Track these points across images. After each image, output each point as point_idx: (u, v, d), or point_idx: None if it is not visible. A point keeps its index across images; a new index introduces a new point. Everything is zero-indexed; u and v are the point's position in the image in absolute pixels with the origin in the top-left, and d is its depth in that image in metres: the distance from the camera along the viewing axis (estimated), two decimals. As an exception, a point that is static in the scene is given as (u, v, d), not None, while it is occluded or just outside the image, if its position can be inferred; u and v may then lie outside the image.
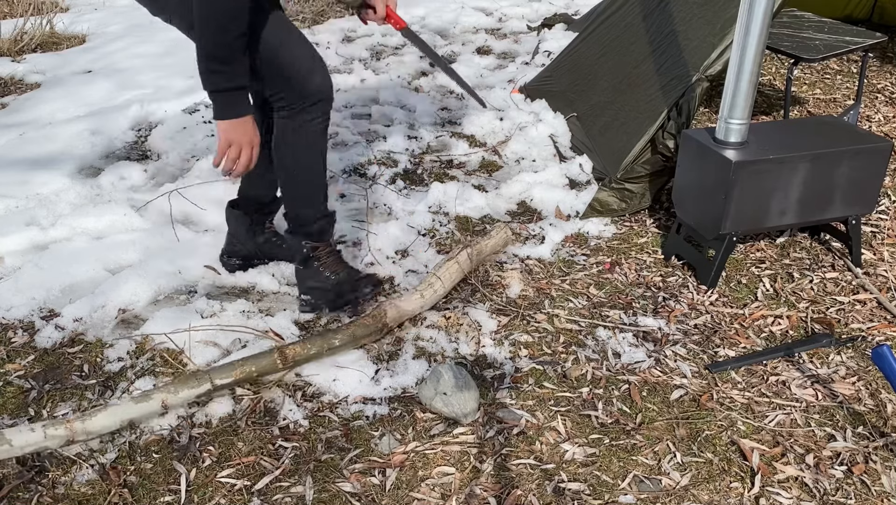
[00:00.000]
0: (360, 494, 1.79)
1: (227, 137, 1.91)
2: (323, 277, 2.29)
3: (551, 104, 3.50)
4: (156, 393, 1.89)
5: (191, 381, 1.94)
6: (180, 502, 1.77)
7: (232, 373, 1.98)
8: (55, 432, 1.77)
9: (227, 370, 1.98)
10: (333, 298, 2.30)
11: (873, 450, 1.89)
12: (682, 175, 2.56)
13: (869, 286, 2.49)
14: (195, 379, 1.94)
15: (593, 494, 1.78)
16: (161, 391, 1.90)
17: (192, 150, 3.37)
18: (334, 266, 2.30)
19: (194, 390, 1.93)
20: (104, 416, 1.83)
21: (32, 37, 4.83)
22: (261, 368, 2.01)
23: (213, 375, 1.97)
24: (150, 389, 1.90)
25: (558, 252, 2.71)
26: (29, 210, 2.87)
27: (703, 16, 2.95)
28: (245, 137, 1.93)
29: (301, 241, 2.28)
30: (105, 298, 2.38)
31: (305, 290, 2.33)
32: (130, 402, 1.85)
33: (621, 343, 2.26)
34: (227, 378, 1.97)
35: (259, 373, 2.01)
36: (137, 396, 1.87)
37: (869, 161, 2.44)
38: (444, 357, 2.21)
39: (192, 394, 1.93)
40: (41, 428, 1.75)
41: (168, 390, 1.91)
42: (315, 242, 2.28)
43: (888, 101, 3.86)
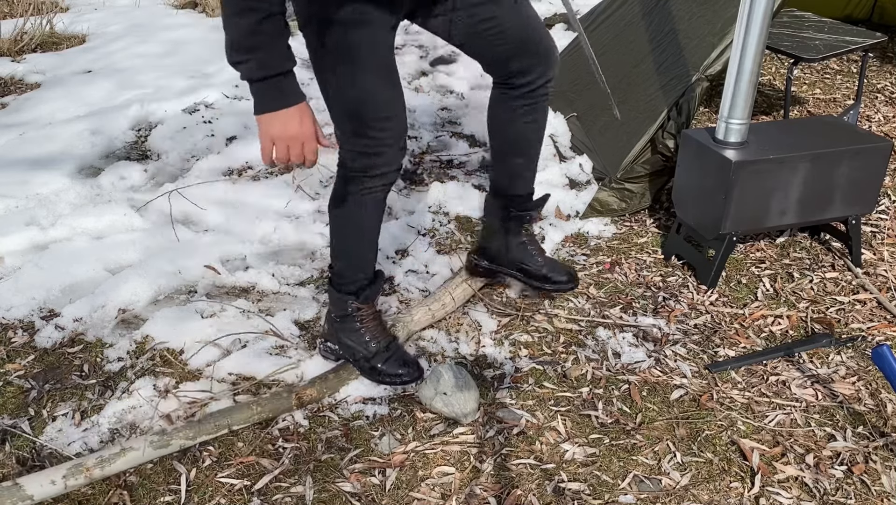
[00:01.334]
0: (360, 494, 1.79)
1: (268, 134, 1.63)
2: (362, 340, 2.06)
3: (551, 104, 3.50)
4: (174, 439, 1.87)
5: (208, 425, 1.92)
6: (180, 502, 1.77)
7: (249, 418, 1.96)
8: (75, 483, 1.76)
9: (245, 414, 1.96)
10: (369, 370, 2.07)
11: (873, 450, 1.89)
12: (682, 175, 2.56)
13: (869, 286, 2.49)
14: (212, 423, 1.92)
15: (593, 494, 1.78)
16: (178, 437, 1.88)
17: (192, 150, 3.37)
18: (376, 332, 2.07)
19: (211, 436, 1.92)
20: (122, 462, 1.81)
21: (32, 37, 4.83)
22: (276, 411, 1.99)
23: (231, 419, 1.94)
24: (169, 433, 1.87)
25: (558, 252, 2.71)
26: (29, 210, 2.87)
27: (703, 15, 2.95)
28: (288, 132, 1.63)
29: (346, 298, 2.05)
30: (105, 298, 2.38)
31: (336, 340, 2.11)
32: (149, 447, 1.83)
33: (621, 343, 2.26)
34: (245, 423, 1.95)
35: (275, 415, 2.00)
36: (156, 441, 1.85)
37: (869, 161, 2.44)
38: (444, 357, 2.21)
39: (209, 438, 1.92)
40: (62, 480, 1.75)
41: (186, 436, 1.88)
42: (360, 304, 2.06)
43: (888, 101, 3.86)
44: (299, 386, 2.05)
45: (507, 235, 2.24)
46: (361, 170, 1.85)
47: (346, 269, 2.03)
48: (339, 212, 1.95)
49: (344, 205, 1.93)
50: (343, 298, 2.05)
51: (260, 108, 1.61)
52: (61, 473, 1.76)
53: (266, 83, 1.58)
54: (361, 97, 1.75)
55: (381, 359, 2.05)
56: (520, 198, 2.19)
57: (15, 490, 1.71)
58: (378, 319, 2.11)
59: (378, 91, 1.76)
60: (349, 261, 2.03)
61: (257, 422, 1.97)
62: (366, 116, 1.77)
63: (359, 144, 1.81)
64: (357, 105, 1.76)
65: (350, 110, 1.78)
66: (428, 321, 2.28)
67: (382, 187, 1.90)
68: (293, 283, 2.53)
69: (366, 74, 1.73)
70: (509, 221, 2.21)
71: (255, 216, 2.83)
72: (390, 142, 1.82)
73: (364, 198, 1.90)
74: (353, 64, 1.71)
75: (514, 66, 1.92)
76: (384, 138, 1.80)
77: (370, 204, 1.93)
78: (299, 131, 1.64)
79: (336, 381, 2.08)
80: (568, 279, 2.27)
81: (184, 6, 5.99)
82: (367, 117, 1.77)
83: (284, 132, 1.62)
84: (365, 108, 1.77)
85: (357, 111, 1.77)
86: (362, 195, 1.89)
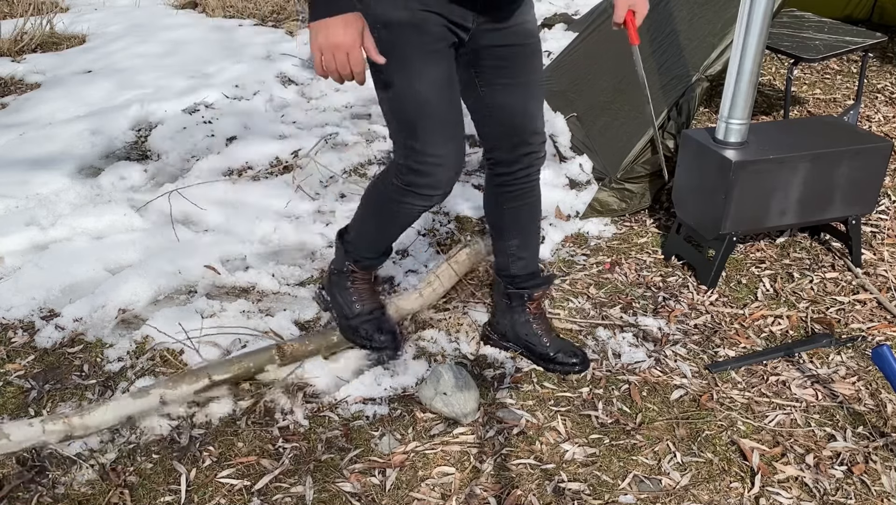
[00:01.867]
0: (360, 494, 1.79)
1: (315, 42, 1.57)
2: (349, 299, 2.13)
3: (551, 104, 3.50)
4: (154, 389, 1.89)
5: (189, 376, 1.95)
6: (180, 502, 1.77)
7: (230, 368, 1.98)
8: (53, 427, 1.77)
9: (226, 366, 1.99)
10: (347, 327, 2.14)
11: (873, 450, 1.89)
12: (682, 175, 2.56)
13: (869, 286, 2.49)
14: (193, 375, 1.95)
15: (593, 494, 1.78)
16: (159, 387, 1.91)
17: (192, 150, 3.37)
18: (365, 296, 2.13)
19: (192, 386, 1.93)
20: (102, 411, 1.83)
21: (32, 37, 4.83)
22: (259, 364, 2.02)
23: (211, 370, 1.97)
24: (149, 385, 1.91)
25: (558, 252, 2.71)
26: (29, 210, 2.87)
27: (704, 15, 2.95)
28: (331, 40, 1.55)
29: (347, 258, 2.12)
30: (105, 297, 2.38)
31: (330, 294, 2.19)
32: (129, 397, 1.85)
33: (621, 343, 2.26)
34: (226, 374, 1.98)
35: (257, 369, 2.02)
36: (136, 391, 1.87)
37: (869, 161, 2.44)
38: (444, 357, 2.21)
39: (191, 389, 1.93)
40: (39, 423, 1.76)
41: (166, 386, 1.92)
42: (358, 269, 2.13)
43: (888, 101, 3.86)
44: (282, 340, 2.07)
45: (511, 313, 2.18)
46: (407, 185, 1.83)
47: (359, 242, 2.09)
48: (374, 207, 1.98)
49: (380, 203, 1.94)
50: (344, 256, 2.11)
51: (311, 16, 1.58)
52: (40, 419, 1.78)
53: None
54: (421, 110, 1.73)
55: (361, 320, 2.12)
56: (519, 277, 2.13)
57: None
58: (370, 284, 2.16)
59: (440, 106, 1.73)
60: (364, 242, 2.07)
61: (239, 375, 1.99)
62: (422, 130, 1.74)
63: (409, 159, 1.79)
64: (415, 118, 1.74)
65: (406, 122, 1.75)
66: (418, 302, 2.31)
67: (422, 207, 1.88)
68: (293, 283, 2.53)
69: (430, 87, 1.71)
70: (511, 299, 2.17)
71: (255, 216, 2.83)
72: (441, 162, 1.78)
73: (404, 210, 1.90)
74: (417, 73, 1.70)
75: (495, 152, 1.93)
76: (436, 157, 1.77)
77: (404, 216, 1.94)
78: (342, 40, 1.56)
79: (321, 338, 2.12)
80: (577, 361, 2.14)
81: (184, 6, 5.99)
82: (422, 131, 1.74)
83: (328, 40, 1.56)
84: (422, 121, 1.74)
85: (414, 124, 1.74)
86: (403, 208, 1.89)
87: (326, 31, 1.56)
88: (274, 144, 3.34)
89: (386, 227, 2.01)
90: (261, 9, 5.69)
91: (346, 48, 1.57)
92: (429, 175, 1.79)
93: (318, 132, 3.42)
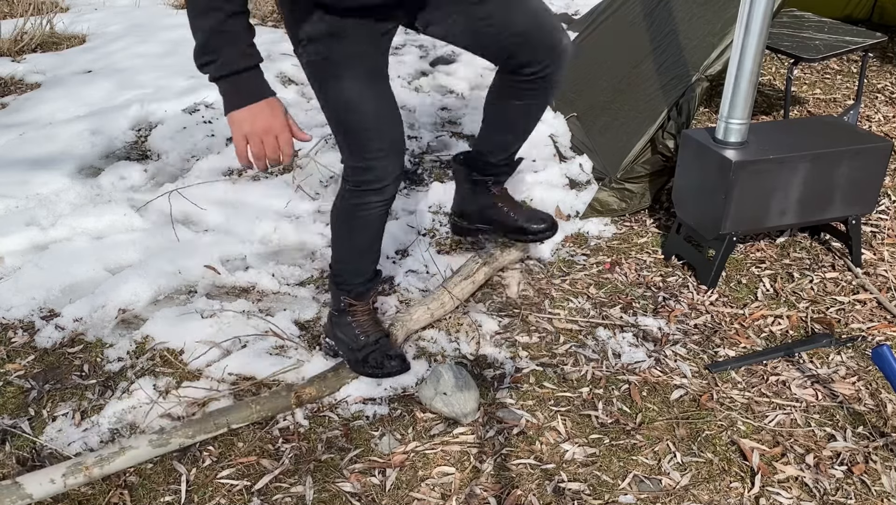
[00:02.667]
0: (360, 494, 1.79)
1: (240, 131, 1.60)
2: (353, 333, 2.11)
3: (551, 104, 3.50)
4: (173, 438, 1.87)
5: (207, 423, 1.92)
6: (180, 502, 1.77)
7: (248, 416, 1.96)
8: (74, 481, 1.76)
9: (244, 411, 1.96)
10: (356, 361, 2.11)
11: (873, 450, 1.89)
12: (682, 175, 2.56)
13: (869, 286, 2.49)
14: (212, 421, 1.92)
15: (593, 494, 1.78)
16: (178, 435, 1.88)
17: (192, 150, 3.37)
18: (367, 326, 2.12)
19: (210, 434, 1.92)
20: (122, 461, 1.81)
21: (32, 37, 4.83)
22: (275, 409, 1.99)
23: (229, 417, 1.95)
24: (168, 433, 1.87)
25: (558, 252, 2.71)
26: (29, 210, 2.87)
27: (704, 15, 2.95)
28: (259, 125, 1.59)
29: (340, 293, 2.12)
30: (105, 298, 2.38)
31: (332, 336, 2.18)
32: (148, 445, 1.84)
33: (621, 343, 2.26)
34: (244, 421, 1.95)
35: (274, 413, 2.00)
36: (155, 439, 1.85)
37: (869, 161, 2.44)
38: (444, 357, 2.21)
39: (209, 436, 1.92)
40: (61, 478, 1.74)
41: (185, 435, 1.89)
42: (354, 300, 2.12)
43: (888, 101, 3.86)
44: (298, 385, 2.05)
45: (476, 197, 2.23)
46: (357, 185, 1.88)
47: (344, 271, 2.09)
48: (340, 222, 2.00)
49: (344, 217, 1.97)
50: (338, 292, 2.11)
51: (229, 106, 1.60)
52: (61, 472, 1.76)
53: (232, 79, 1.57)
54: (347, 112, 1.78)
55: (368, 351, 2.09)
56: (492, 165, 2.16)
57: (14, 488, 1.72)
58: (370, 315, 2.15)
59: (364, 104, 1.78)
60: (347, 265, 2.08)
61: (256, 421, 1.97)
62: (354, 130, 1.80)
63: (352, 159, 1.85)
64: (345, 119, 1.79)
65: (340, 125, 1.81)
66: (427, 320, 2.28)
67: (379, 203, 1.91)
68: (293, 283, 2.53)
69: (352, 89, 1.76)
70: (476, 185, 2.21)
71: (255, 216, 2.83)
72: (380, 155, 1.83)
73: (367, 215, 1.93)
74: (339, 79, 1.74)
75: (519, 60, 1.89)
76: (373, 152, 1.82)
77: (373, 221, 1.96)
78: (270, 124, 1.60)
79: (335, 379, 2.08)
80: (546, 227, 2.21)
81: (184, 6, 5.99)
82: (355, 131, 1.80)
83: (254, 126, 1.59)
84: (352, 122, 1.79)
85: (346, 125, 1.80)
86: (364, 212, 1.92)
87: (253, 119, 1.59)
88: (274, 144, 3.34)
89: (358, 239, 2.01)
90: (261, 9, 5.68)
91: (276, 131, 1.60)
92: (373, 169, 1.84)
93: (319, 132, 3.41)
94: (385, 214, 1.97)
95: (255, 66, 1.59)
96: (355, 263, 2.07)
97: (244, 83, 1.59)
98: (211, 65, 1.56)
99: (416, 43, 4.69)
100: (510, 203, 2.24)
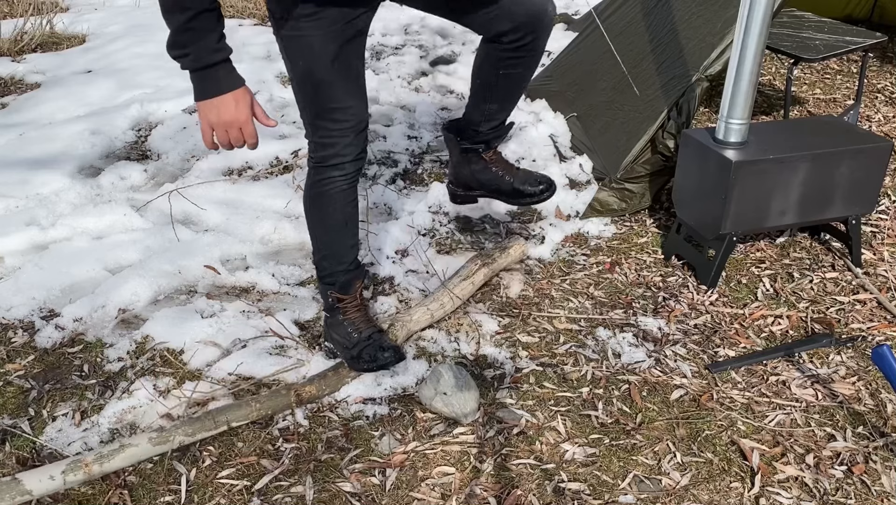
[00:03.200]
0: (360, 494, 1.79)
1: (207, 120, 1.70)
2: (346, 332, 2.13)
3: (551, 104, 3.50)
4: (173, 435, 1.87)
5: (207, 421, 1.92)
6: (180, 502, 1.77)
7: (248, 414, 1.96)
8: (74, 479, 1.76)
9: (244, 410, 1.96)
10: (352, 358, 2.13)
11: (873, 450, 1.89)
12: (682, 175, 2.56)
13: (869, 286, 2.49)
14: (212, 419, 1.92)
15: (593, 494, 1.78)
16: (177, 432, 1.88)
17: (192, 150, 3.37)
18: (359, 323, 2.14)
19: (210, 432, 1.92)
20: (121, 459, 1.81)
21: (32, 37, 4.83)
22: (276, 408, 1.99)
23: (229, 415, 1.95)
24: (168, 430, 1.88)
25: (558, 252, 2.71)
26: (29, 210, 2.87)
27: (703, 15, 2.95)
28: (223, 118, 1.69)
29: (327, 289, 2.14)
30: (105, 297, 2.38)
31: (329, 339, 2.21)
32: (148, 443, 1.84)
33: (621, 343, 2.26)
34: (243, 419, 1.96)
35: (274, 412, 2.00)
36: (154, 437, 1.85)
37: (869, 161, 2.44)
38: (444, 357, 2.21)
39: (209, 435, 1.92)
40: (60, 475, 1.75)
41: (185, 433, 1.89)
42: (341, 294, 2.13)
43: (888, 101, 3.86)
44: (298, 384, 2.05)
45: (469, 164, 2.23)
46: (321, 161, 1.94)
47: (325, 261, 2.12)
48: (311, 205, 2.05)
49: (313, 198, 2.02)
50: (325, 288, 2.14)
51: (198, 95, 1.69)
52: (60, 469, 1.76)
53: (201, 73, 1.66)
54: (315, 88, 1.83)
55: (361, 347, 2.11)
56: (482, 133, 2.16)
57: (14, 485, 1.71)
58: (362, 311, 2.18)
59: (332, 82, 1.83)
60: (326, 253, 2.11)
61: (256, 419, 1.97)
62: (319, 107, 1.86)
63: (316, 135, 1.91)
64: (312, 96, 1.85)
65: (308, 101, 1.87)
66: (427, 321, 2.28)
67: (343, 178, 1.96)
68: (293, 283, 2.53)
69: (320, 66, 1.81)
70: (468, 152, 2.21)
71: (255, 216, 2.83)
72: (343, 132, 1.88)
73: (330, 190, 1.98)
74: (309, 57, 1.80)
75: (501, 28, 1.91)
76: (336, 128, 1.88)
77: (338, 197, 2.00)
78: (234, 116, 1.69)
79: (335, 378, 2.08)
80: (544, 188, 2.18)
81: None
82: (320, 107, 1.86)
83: (220, 117, 1.69)
84: (318, 98, 1.85)
85: (314, 102, 1.86)
86: (328, 187, 1.97)
87: (218, 110, 1.69)
88: (274, 144, 3.34)
89: (329, 220, 2.05)
90: (261, 9, 5.68)
91: (240, 123, 1.70)
92: (335, 146, 1.90)
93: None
94: (351, 193, 2.01)
95: (224, 60, 1.67)
96: (332, 248, 2.10)
97: (212, 76, 1.67)
98: (183, 58, 1.64)
99: (416, 43, 4.69)
100: (504, 166, 2.23)
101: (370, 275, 2.53)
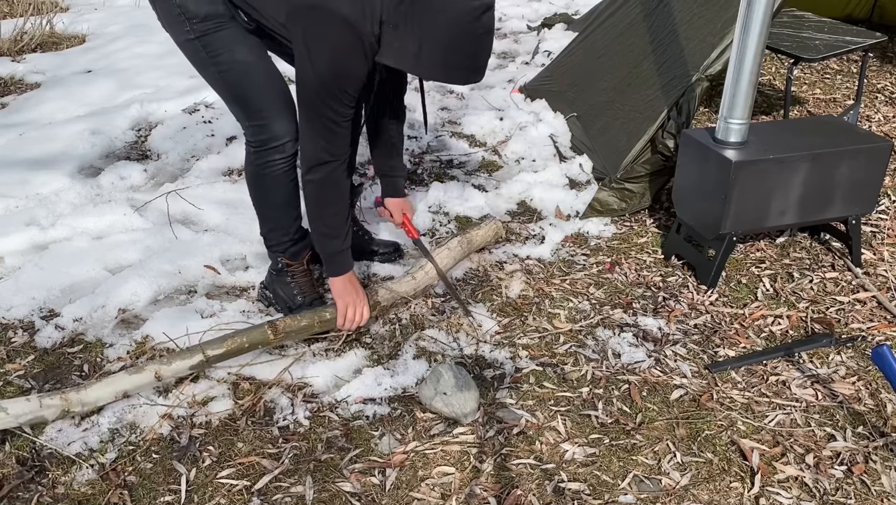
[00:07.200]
0: (360, 493, 1.79)
1: (344, 300, 2.08)
2: (290, 292, 2.30)
3: (551, 104, 3.50)
4: (149, 365, 1.90)
5: (183, 353, 1.97)
6: (180, 502, 1.77)
7: (223, 344, 1.99)
8: (51, 402, 1.78)
9: (219, 342, 2.02)
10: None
11: (873, 450, 1.89)
12: (682, 175, 2.56)
13: (869, 286, 2.49)
14: (188, 351, 1.97)
15: (593, 494, 1.78)
16: (154, 363, 1.94)
17: (192, 150, 3.37)
18: (305, 288, 2.31)
19: (186, 362, 1.95)
20: (99, 386, 1.85)
21: (32, 37, 4.83)
22: (252, 341, 2.05)
23: (205, 346, 2.00)
24: (144, 362, 1.91)
25: (558, 252, 2.71)
26: (29, 210, 2.87)
27: (703, 15, 2.95)
28: (356, 295, 2.10)
29: (276, 255, 2.29)
30: (105, 298, 2.38)
31: (271, 289, 2.34)
32: (125, 374, 1.87)
33: (621, 343, 2.26)
34: (219, 349, 1.99)
35: (251, 345, 2.04)
36: (131, 368, 1.89)
37: (869, 161, 2.44)
38: (444, 357, 2.21)
39: (185, 365, 1.95)
40: (37, 398, 1.77)
41: (161, 362, 1.94)
42: (289, 260, 2.28)
43: (888, 101, 3.86)
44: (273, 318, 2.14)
45: None
46: (259, 146, 2.08)
47: (272, 233, 2.27)
48: (252, 185, 2.19)
49: (253, 179, 2.17)
50: (274, 255, 2.29)
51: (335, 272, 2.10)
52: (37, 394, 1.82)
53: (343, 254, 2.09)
54: (245, 75, 2.00)
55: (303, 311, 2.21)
56: None
57: None
58: (308, 276, 2.34)
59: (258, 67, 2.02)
60: (273, 226, 2.25)
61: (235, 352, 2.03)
62: (251, 92, 2.02)
63: (251, 119, 2.05)
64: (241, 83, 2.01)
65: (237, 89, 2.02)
66: (412, 286, 2.35)
67: (281, 160, 2.09)
68: (293, 283, 2.53)
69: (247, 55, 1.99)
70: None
71: (254, 216, 2.81)
72: (276, 112, 2.04)
73: (269, 171, 2.11)
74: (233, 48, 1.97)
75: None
76: (269, 109, 2.03)
77: (278, 175, 2.12)
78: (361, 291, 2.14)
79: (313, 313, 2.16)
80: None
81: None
82: (252, 92, 2.02)
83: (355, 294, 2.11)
84: (248, 84, 2.01)
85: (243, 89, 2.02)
86: (267, 169, 2.11)
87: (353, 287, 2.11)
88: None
89: (273, 198, 2.19)
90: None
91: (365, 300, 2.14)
92: (270, 129, 2.05)
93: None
94: (291, 172, 2.14)
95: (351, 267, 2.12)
96: (277, 221, 2.24)
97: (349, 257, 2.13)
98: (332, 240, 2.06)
99: (416, 43, 4.68)
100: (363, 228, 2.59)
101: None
